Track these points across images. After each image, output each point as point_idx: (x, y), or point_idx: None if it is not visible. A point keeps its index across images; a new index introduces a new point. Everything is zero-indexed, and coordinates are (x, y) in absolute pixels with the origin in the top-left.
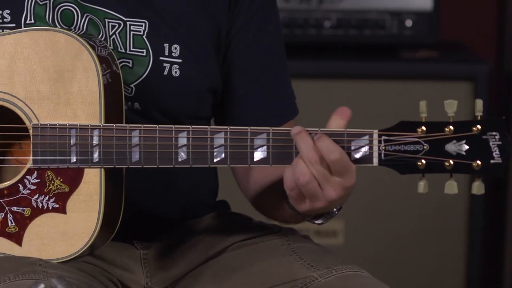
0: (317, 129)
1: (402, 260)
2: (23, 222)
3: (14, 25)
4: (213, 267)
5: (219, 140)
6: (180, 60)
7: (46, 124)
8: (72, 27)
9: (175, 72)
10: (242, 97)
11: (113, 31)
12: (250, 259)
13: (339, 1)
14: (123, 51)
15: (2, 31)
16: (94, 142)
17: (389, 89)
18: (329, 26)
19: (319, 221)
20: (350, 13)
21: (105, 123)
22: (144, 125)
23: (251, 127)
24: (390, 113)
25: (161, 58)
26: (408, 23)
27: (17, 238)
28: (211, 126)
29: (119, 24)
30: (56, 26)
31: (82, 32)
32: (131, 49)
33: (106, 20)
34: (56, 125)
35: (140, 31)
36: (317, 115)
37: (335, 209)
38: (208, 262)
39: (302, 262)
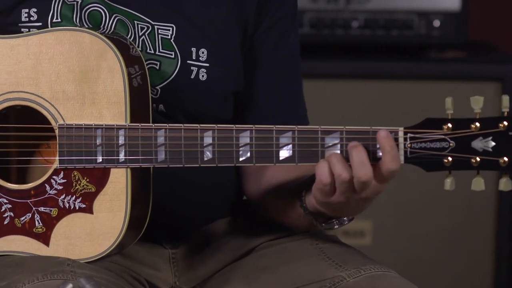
0: (342, 127)
1: (430, 259)
2: (50, 223)
3: (40, 24)
4: (241, 267)
5: (245, 139)
6: (207, 64)
7: (72, 124)
8: (100, 27)
9: (202, 76)
10: (258, 103)
11: (142, 32)
12: (279, 259)
13: (367, 1)
14: (152, 52)
15: (29, 30)
16: (119, 142)
17: (416, 90)
18: (357, 26)
19: (328, 226)
20: (378, 13)
21: (131, 122)
22: (170, 125)
23: (276, 126)
24: (418, 113)
25: (188, 61)
26: (436, 23)
27: (44, 239)
28: (237, 125)
29: (148, 27)
30: (83, 26)
31: (111, 31)
32: (160, 50)
33: (135, 21)
34: (81, 125)
35: (167, 35)
36: (345, 115)
37: (345, 219)
38: (236, 262)
39: (331, 262)
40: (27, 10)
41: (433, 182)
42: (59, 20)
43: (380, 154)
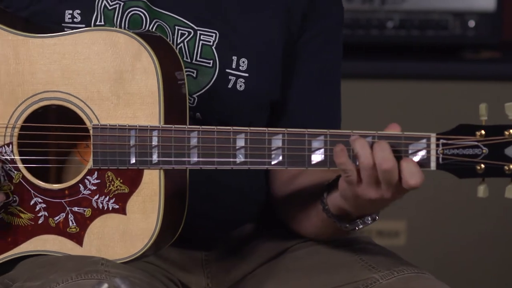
0: (374, 132)
1: (464, 261)
2: (83, 223)
3: (84, 25)
4: (274, 269)
5: (277, 142)
6: (246, 75)
7: (106, 125)
8: None
9: (240, 86)
10: (292, 111)
11: (181, 39)
12: (311, 261)
13: (402, 1)
14: (189, 60)
15: (69, 30)
16: (153, 143)
17: (451, 90)
18: (392, 26)
19: (351, 226)
20: (413, 13)
21: (165, 124)
22: (203, 127)
23: (309, 130)
24: (452, 114)
25: (227, 70)
26: (471, 23)
27: (78, 239)
28: (269, 128)
29: (189, 33)
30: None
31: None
32: (198, 59)
33: (176, 27)
34: (115, 125)
35: (209, 41)
36: (378, 115)
37: (369, 218)
38: (269, 263)
39: (364, 264)
40: (70, 11)
41: (468, 184)
42: (102, 22)
43: (413, 159)
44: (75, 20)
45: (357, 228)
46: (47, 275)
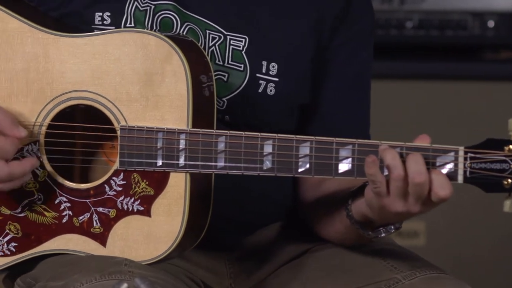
0: (402, 143)
1: (483, 261)
2: (108, 223)
3: (113, 27)
4: (296, 269)
5: (305, 150)
6: (277, 79)
7: (134, 127)
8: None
9: (270, 91)
10: (322, 116)
11: (213, 42)
12: (334, 261)
13: (421, 1)
14: (221, 63)
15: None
16: (180, 146)
17: (470, 90)
18: (411, 26)
19: (374, 234)
20: (432, 13)
21: (193, 128)
22: (231, 132)
23: (337, 138)
24: (472, 114)
25: (257, 75)
26: (490, 23)
27: (101, 239)
28: (297, 136)
29: (219, 37)
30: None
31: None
32: (229, 62)
33: (207, 31)
34: (143, 127)
35: (239, 46)
36: (397, 116)
37: (393, 227)
38: (291, 263)
39: (386, 264)
40: (100, 14)
41: None
42: (132, 24)
43: (441, 171)
44: (105, 22)
45: (379, 236)
46: (70, 274)
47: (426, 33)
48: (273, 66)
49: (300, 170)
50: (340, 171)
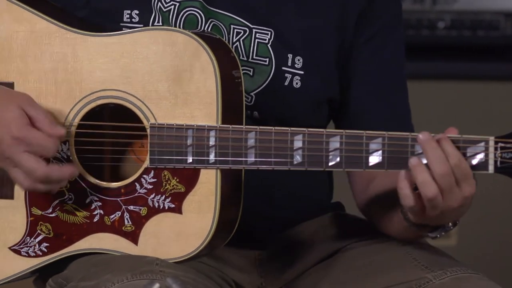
0: (432, 134)
1: None
2: (139, 221)
3: (142, 25)
4: (327, 269)
5: (335, 143)
6: (302, 72)
7: (163, 124)
8: None
9: (296, 83)
10: (358, 111)
11: (237, 37)
12: (365, 261)
13: (453, 1)
14: (245, 59)
15: (127, 30)
16: (210, 143)
17: (502, 90)
18: (443, 27)
19: (433, 235)
20: (464, 14)
21: (222, 124)
22: (260, 127)
23: (367, 131)
24: (505, 114)
25: (283, 68)
26: None
27: (133, 237)
28: (327, 129)
29: (245, 31)
30: None
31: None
32: (254, 57)
33: (232, 26)
34: (173, 125)
35: (265, 40)
36: (429, 116)
37: (450, 224)
38: (323, 263)
39: (417, 264)
40: (129, 12)
41: None
42: (160, 23)
43: (471, 162)
44: (133, 20)
45: (438, 236)
46: (102, 274)
47: (458, 34)
48: (298, 59)
49: (330, 163)
50: (370, 164)
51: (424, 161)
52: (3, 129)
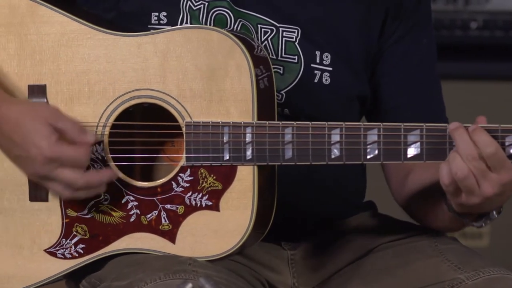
0: (470, 125)
1: None
2: (176, 220)
3: (170, 27)
4: (360, 268)
5: (372, 136)
6: (331, 68)
7: (199, 122)
8: None
9: (326, 80)
10: (392, 108)
11: (265, 37)
12: (397, 261)
13: (486, 2)
14: (274, 57)
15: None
16: (247, 139)
17: None
18: (475, 27)
19: (478, 224)
20: (497, 14)
21: (258, 121)
22: (297, 122)
23: (404, 124)
24: None
25: (312, 65)
26: None
27: (170, 236)
28: (364, 123)
29: (272, 30)
30: None
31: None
32: (283, 55)
33: (259, 25)
34: (209, 123)
35: (292, 38)
36: (463, 116)
37: (494, 212)
38: (355, 263)
39: (449, 264)
40: (157, 14)
41: None
42: (188, 22)
43: (510, 151)
44: (161, 22)
45: (484, 225)
46: (134, 274)
47: (491, 34)
48: (326, 56)
49: (368, 156)
50: (409, 156)
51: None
52: (34, 150)
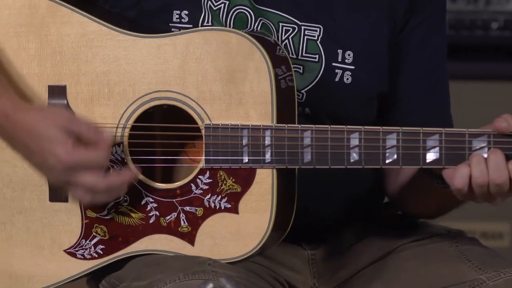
0: (490, 130)
1: None
2: (195, 222)
3: (191, 25)
4: (381, 269)
5: (391, 141)
6: (353, 67)
7: (218, 124)
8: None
9: (347, 79)
10: (402, 100)
11: (286, 35)
12: (418, 261)
13: (507, 2)
14: (295, 57)
15: (179, 30)
16: (266, 142)
17: None
18: (496, 27)
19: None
20: None
21: (277, 123)
22: (316, 126)
23: (424, 128)
24: None
25: (333, 64)
26: None
27: (189, 238)
28: (383, 127)
29: (293, 29)
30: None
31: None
32: (303, 54)
33: (280, 24)
34: (228, 125)
35: (314, 36)
36: (484, 117)
37: None
38: (375, 263)
39: (470, 265)
40: (178, 12)
41: None
42: (209, 22)
43: None
44: (182, 20)
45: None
46: (154, 274)
47: (511, 34)
48: (349, 54)
49: (387, 161)
50: (428, 161)
51: (485, 155)
52: (52, 158)
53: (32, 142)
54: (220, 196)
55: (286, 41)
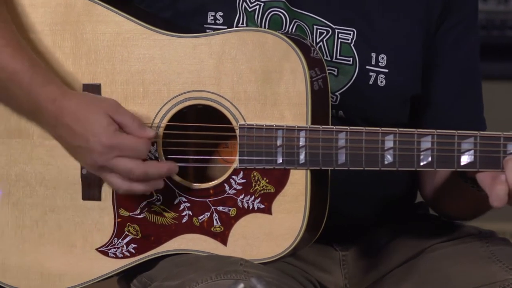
0: None
1: None
2: (228, 222)
3: (225, 27)
4: (411, 269)
5: (426, 143)
6: (386, 70)
7: (253, 125)
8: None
9: (381, 82)
10: (436, 102)
11: (320, 38)
12: (449, 261)
13: None
14: (329, 59)
15: (213, 31)
16: (300, 143)
17: None
18: None
19: None
20: None
21: (312, 124)
22: (351, 127)
23: (459, 131)
24: None
25: (367, 67)
26: None
27: (222, 238)
28: (418, 130)
29: (327, 31)
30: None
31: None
32: (338, 57)
33: (315, 26)
34: (262, 125)
35: (348, 39)
36: None
37: None
38: (406, 264)
39: (501, 265)
40: (213, 13)
41: None
42: (244, 23)
43: None
44: (217, 21)
45: None
46: (186, 274)
47: None
48: (382, 58)
49: (422, 163)
50: (462, 163)
51: None
52: (93, 138)
53: (76, 124)
54: (253, 197)
55: (321, 43)
